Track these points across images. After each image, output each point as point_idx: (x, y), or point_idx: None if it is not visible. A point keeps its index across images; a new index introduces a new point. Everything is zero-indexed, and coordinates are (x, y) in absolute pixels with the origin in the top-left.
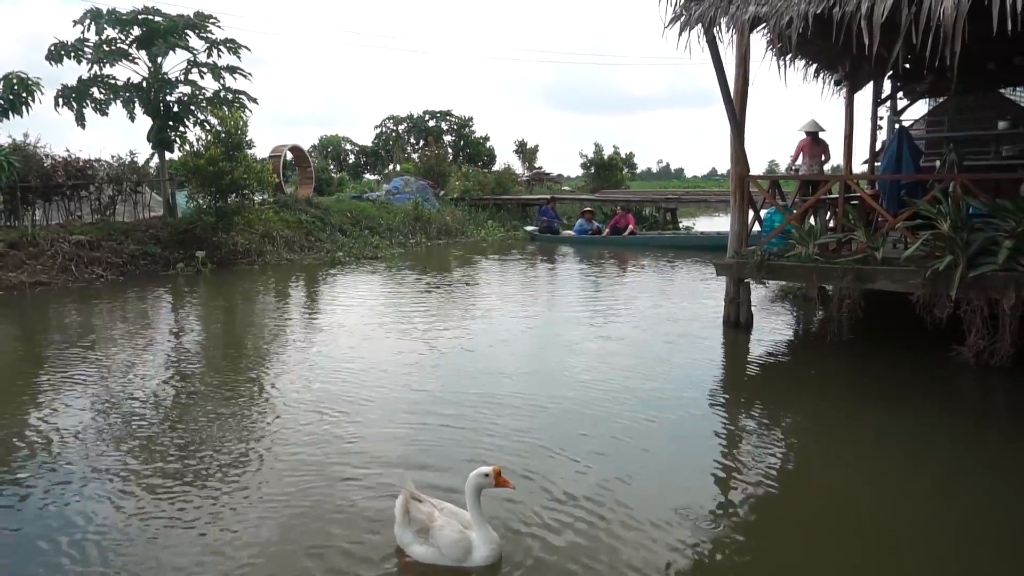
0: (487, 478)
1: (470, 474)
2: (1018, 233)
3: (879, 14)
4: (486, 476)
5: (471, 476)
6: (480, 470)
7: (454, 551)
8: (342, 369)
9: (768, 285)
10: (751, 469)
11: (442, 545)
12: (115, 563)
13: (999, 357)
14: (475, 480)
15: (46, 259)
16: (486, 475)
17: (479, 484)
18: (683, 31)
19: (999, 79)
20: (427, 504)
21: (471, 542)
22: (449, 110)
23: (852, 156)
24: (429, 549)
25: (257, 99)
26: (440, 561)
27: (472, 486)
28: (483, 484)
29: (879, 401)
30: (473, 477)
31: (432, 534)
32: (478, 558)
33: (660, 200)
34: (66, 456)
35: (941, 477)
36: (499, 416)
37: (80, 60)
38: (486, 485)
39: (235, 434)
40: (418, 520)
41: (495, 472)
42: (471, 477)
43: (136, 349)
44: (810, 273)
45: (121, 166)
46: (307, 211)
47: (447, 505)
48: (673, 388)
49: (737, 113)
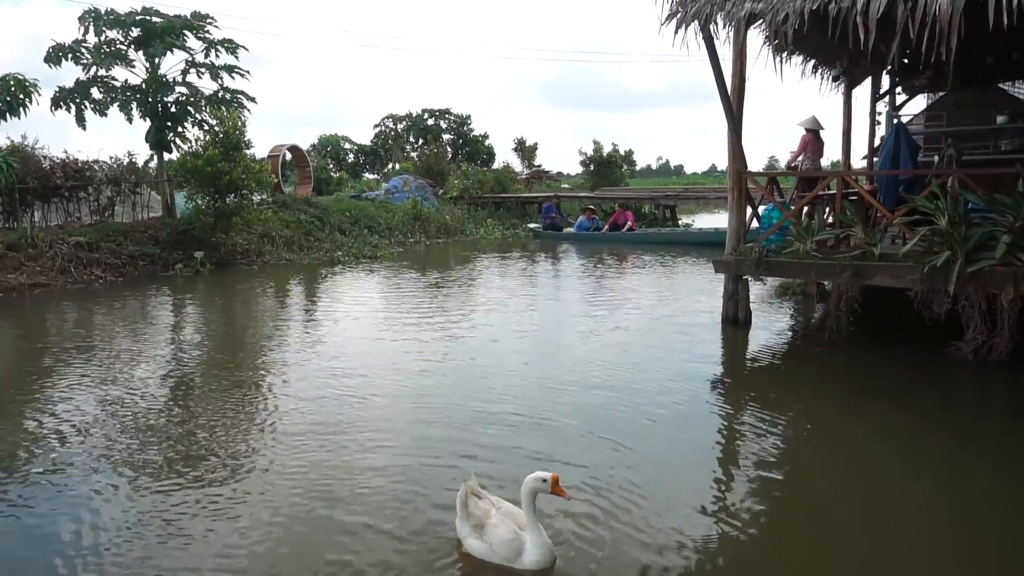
0: (544, 483)
1: (527, 477)
2: (1016, 228)
3: (875, 10)
4: (543, 481)
5: (528, 479)
6: (538, 475)
7: (505, 550)
8: (342, 369)
9: (766, 282)
10: (751, 466)
11: (494, 543)
12: (122, 562)
13: (997, 352)
14: (532, 484)
15: (45, 260)
16: (544, 480)
17: (536, 488)
18: (679, 28)
19: (998, 74)
20: (486, 501)
21: (523, 544)
22: (448, 108)
23: (851, 152)
24: (482, 545)
25: (255, 98)
26: (490, 558)
27: (528, 489)
28: (539, 489)
29: (878, 396)
30: (530, 481)
31: (486, 531)
32: (528, 561)
33: (659, 197)
34: (68, 456)
35: (940, 472)
36: (498, 416)
37: (78, 62)
38: (542, 490)
39: (237, 434)
40: (475, 515)
41: (553, 479)
42: (528, 480)
43: (135, 350)
44: (808, 269)
45: (119, 167)
46: (306, 211)
47: (506, 504)
48: (672, 385)
49: (734, 110)
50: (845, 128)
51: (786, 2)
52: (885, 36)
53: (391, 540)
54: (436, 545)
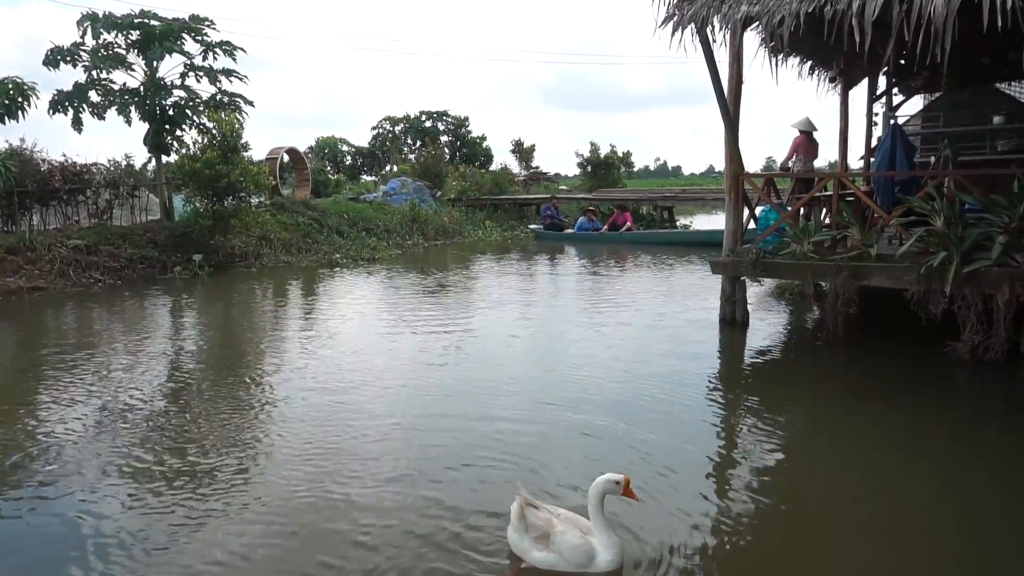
0: (616, 485)
1: (598, 478)
2: (1011, 228)
3: (870, 12)
4: (616, 483)
5: (599, 481)
6: (610, 476)
7: (577, 556)
8: (341, 369)
9: (764, 283)
10: (749, 467)
11: (565, 550)
12: (126, 565)
13: (993, 352)
14: (603, 486)
15: (44, 264)
16: (616, 482)
17: (607, 490)
18: (676, 31)
19: (994, 74)
20: (543, 510)
21: (594, 547)
22: (446, 110)
23: (847, 153)
24: (550, 555)
25: (253, 101)
26: (561, 567)
27: (598, 491)
28: (610, 491)
29: (875, 397)
30: (602, 482)
31: (553, 540)
32: (602, 563)
33: (656, 198)
34: (66, 461)
35: (938, 471)
36: (496, 417)
37: (76, 65)
38: (613, 492)
39: (236, 437)
40: (537, 526)
41: (625, 481)
42: (599, 482)
43: (134, 354)
44: (805, 270)
45: (118, 170)
46: (304, 213)
47: (563, 511)
48: (669, 386)
49: (731, 112)
50: (842, 129)
51: (782, 4)
52: (881, 37)
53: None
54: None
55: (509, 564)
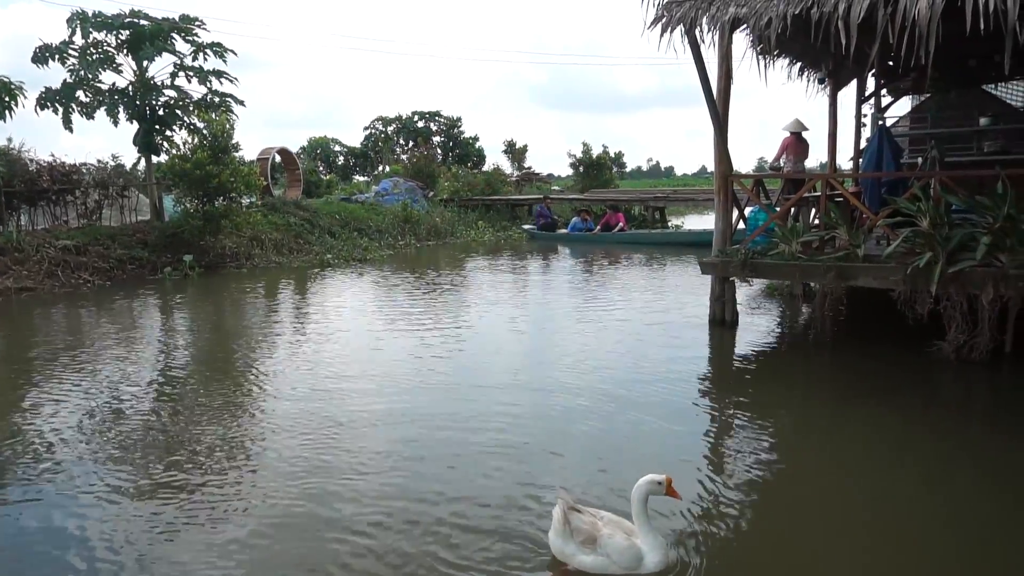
0: (659, 486)
1: (640, 480)
2: (995, 229)
3: (856, 14)
4: (659, 484)
5: (642, 482)
6: (652, 477)
7: (625, 558)
8: (334, 369)
9: (753, 283)
10: (737, 467)
11: (613, 553)
12: (117, 564)
13: (978, 352)
14: (646, 487)
15: (32, 264)
16: (659, 483)
17: (650, 491)
18: (664, 32)
19: (981, 76)
20: (586, 513)
21: (640, 549)
22: (438, 111)
23: (836, 154)
24: (598, 558)
25: (244, 102)
26: (609, 570)
27: (642, 492)
28: (653, 491)
29: (863, 396)
30: (644, 484)
31: (600, 543)
32: (650, 564)
33: (648, 199)
34: (56, 462)
35: (925, 470)
36: (489, 419)
37: (65, 64)
38: (655, 492)
39: (228, 436)
40: (582, 530)
41: (667, 481)
42: (642, 483)
43: (124, 355)
44: (793, 271)
45: (107, 170)
46: (295, 214)
47: (605, 514)
48: (658, 387)
49: (720, 113)
50: (831, 130)
51: (769, 6)
52: (868, 39)
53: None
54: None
55: (551, 568)
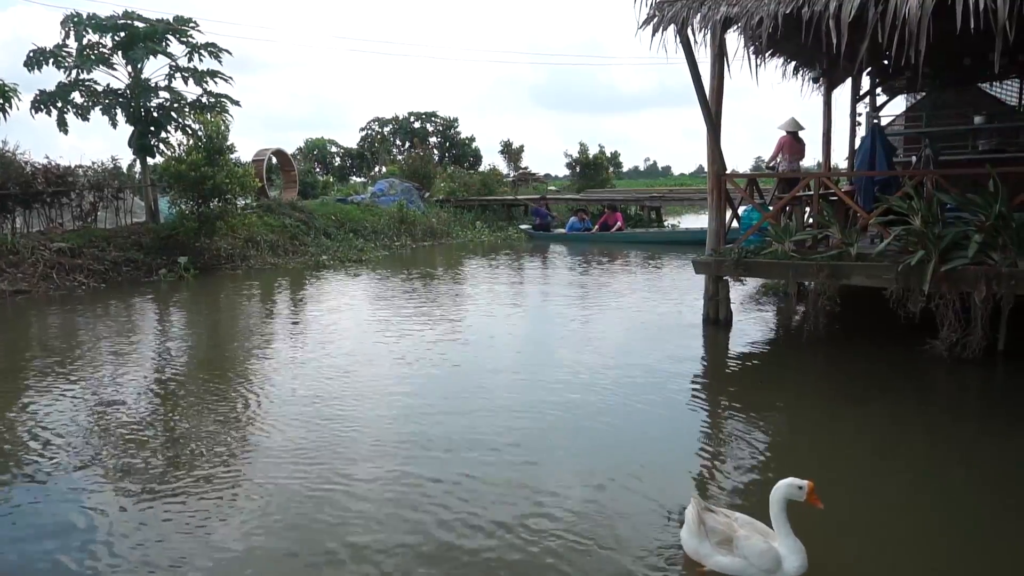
0: (800, 491)
1: (780, 482)
2: (987, 227)
3: (847, 13)
4: (799, 488)
5: (781, 485)
6: (793, 481)
7: (763, 561)
8: (331, 369)
9: (747, 283)
10: (729, 466)
11: (751, 555)
12: (119, 565)
13: (971, 350)
14: (786, 490)
15: (27, 267)
16: (799, 487)
17: (790, 495)
18: (656, 32)
19: (976, 74)
20: (720, 514)
21: (778, 552)
22: (434, 111)
23: (831, 153)
24: (735, 560)
25: (239, 103)
26: (747, 572)
27: (781, 495)
28: (794, 496)
29: (856, 394)
30: (784, 487)
31: (737, 544)
32: (789, 568)
33: (644, 199)
34: (51, 464)
35: (918, 468)
36: (483, 420)
37: (60, 66)
38: (795, 497)
39: (225, 436)
40: (717, 531)
41: (809, 487)
42: (781, 486)
43: (119, 357)
44: (786, 270)
45: (103, 172)
46: (291, 215)
47: (739, 515)
48: (652, 387)
49: (713, 113)
50: (825, 129)
51: (760, 6)
52: (859, 39)
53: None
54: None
55: (686, 568)
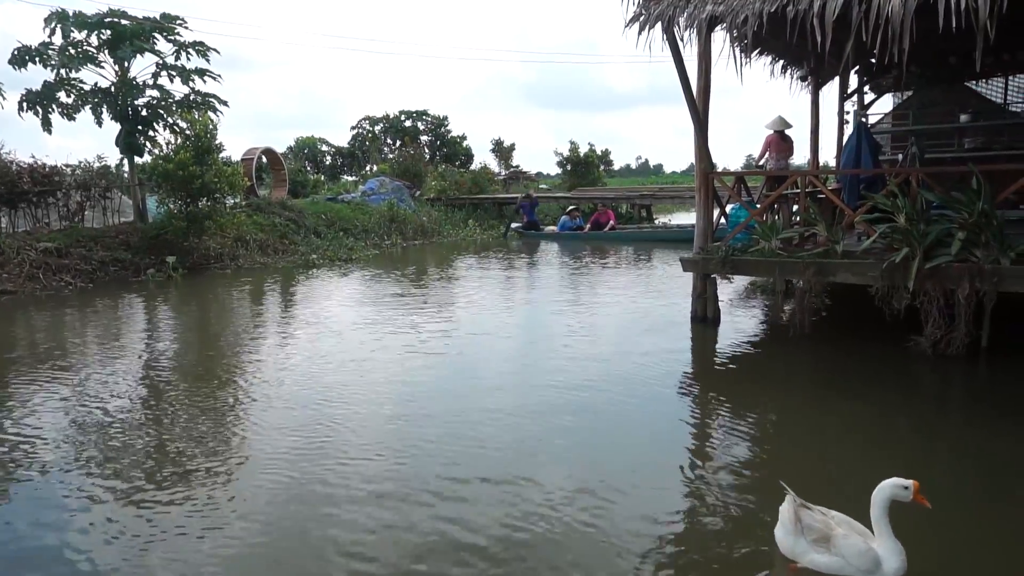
0: (905, 491)
1: (883, 483)
2: (970, 224)
3: (830, 12)
4: (904, 488)
5: (885, 485)
6: (898, 481)
7: (862, 561)
8: (319, 374)
9: (734, 280)
10: (717, 463)
11: (849, 555)
12: (108, 564)
13: (955, 346)
14: (891, 490)
15: (12, 267)
16: (905, 487)
17: (895, 495)
18: (643, 30)
19: (962, 73)
20: (816, 511)
21: (879, 553)
22: (425, 110)
23: (819, 151)
24: (833, 559)
25: (227, 101)
26: (844, 571)
27: (885, 495)
28: (898, 496)
29: (843, 391)
30: (889, 487)
31: (835, 543)
32: (889, 570)
33: (635, 197)
34: (39, 468)
35: (904, 462)
36: (476, 422)
37: (46, 64)
38: (901, 498)
39: (216, 438)
40: (814, 528)
41: (915, 487)
42: (885, 486)
43: (105, 358)
44: (773, 267)
45: (90, 172)
46: (281, 214)
47: (836, 513)
48: (640, 386)
49: (700, 111)
50: (813, 127)
51: (745, 5)
52: (844, 37)
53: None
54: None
55: (778, 564)
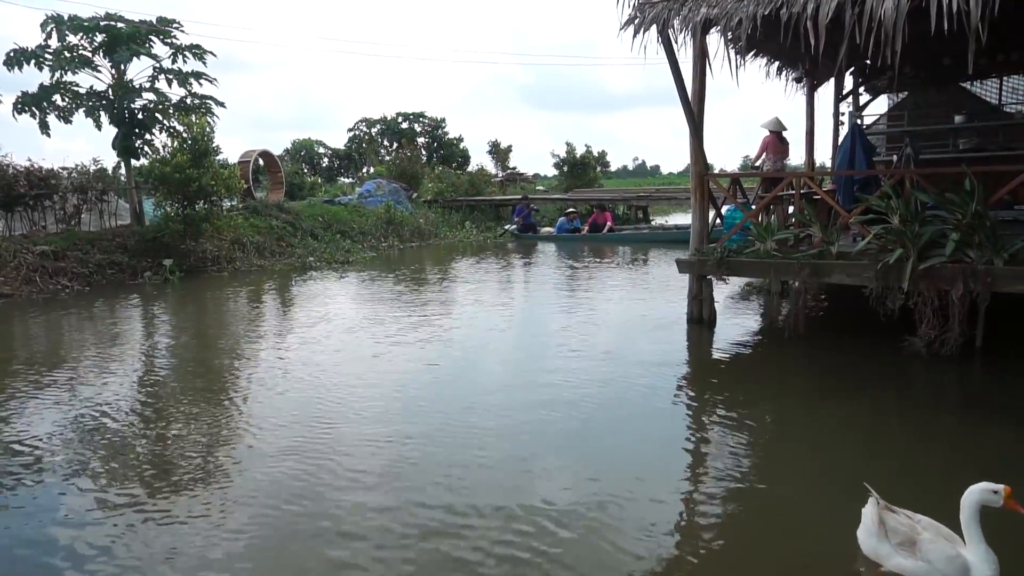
0: (995, 495)
1: (972, 487)
2: (964, 225)
3: (824, 15)
4: (995, 493)
5: (974, 489)
6: (988, 485)
7: (950, 567)
8: (317, 376)
9: (730, 282)
10: (713, 463)
11: (936, 560)
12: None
13: (949, 347)
14: (980, 494)
15: (9, 271)
16: (995, 492)
17: (985, 500)
18: (638, 33)
19: (957, 74)
20: (901, 515)
21: (968, 560)
22: (422, 112)
23: (814, 152)
24: (919, 563)
25: (224, 104)
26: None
27: (974, 500)
28: (988, 501)
29: (838, 392)
30: (978, 492)
31: (921, 547)
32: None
33: (631, 198)
34: (35, 472)
35: (898, 462)
36: (471, 423)
37: (42, 67)
38: (992, 502)
39: (214, 441)
40: (899, 531)
41: (1006, 492)
42: (974, 491)
43: (103, 362)
44: (768, 268)
45: (86, 175)
46: (278, 216)
47: (922, 517)
48: (636, 387)
49: (695, 113)
50: (808, 128)
51: (739, 7)
52: (840, 39)
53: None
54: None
55: (863, 567)
